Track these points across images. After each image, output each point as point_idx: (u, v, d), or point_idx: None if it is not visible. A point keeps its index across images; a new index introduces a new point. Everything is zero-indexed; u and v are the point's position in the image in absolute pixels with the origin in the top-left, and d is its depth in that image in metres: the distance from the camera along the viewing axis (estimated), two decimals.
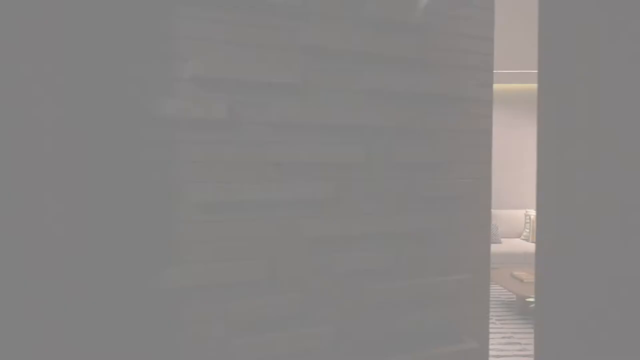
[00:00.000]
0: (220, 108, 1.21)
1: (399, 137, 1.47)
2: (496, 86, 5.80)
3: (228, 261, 1.31)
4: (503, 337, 3.18)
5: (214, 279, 1.25)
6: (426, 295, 1.43)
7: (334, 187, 1.36)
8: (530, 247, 4.83)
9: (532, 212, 5.26)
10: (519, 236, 5.39)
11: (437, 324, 1.45)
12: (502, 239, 5.21)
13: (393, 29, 1.43)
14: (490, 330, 3.34)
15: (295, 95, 1.35)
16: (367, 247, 1.45)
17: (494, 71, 4.96)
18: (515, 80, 5.53)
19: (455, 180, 1.47)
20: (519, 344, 3.08)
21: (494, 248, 4.76)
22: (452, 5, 1.43)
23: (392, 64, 1.44)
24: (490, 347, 3.12)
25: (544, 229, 1.07)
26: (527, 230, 5.19)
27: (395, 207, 1.46)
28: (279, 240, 1.38)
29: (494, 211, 5.55)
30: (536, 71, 5.01)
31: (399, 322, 1.42)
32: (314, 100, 1.38)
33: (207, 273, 1.24)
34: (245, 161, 1.31)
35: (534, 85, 5.79)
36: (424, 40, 1.46)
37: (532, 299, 3.45)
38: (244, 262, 1.30)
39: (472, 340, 1.47)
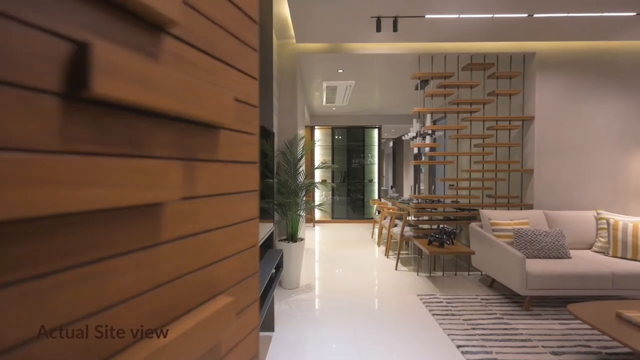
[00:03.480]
0: None
1: None
2: (551, 44, 4.35)
3: None
4: None
5: None
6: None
7: None
8: (616, 264, 3.25)
9: (608, 214, 3.83)
10: (589, 247, 3.91)
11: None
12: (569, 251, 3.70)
13: None
14: None
15: None
16: None
17: (536, 15, 3.50)
18: (577, 36, 4.08)
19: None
20: None
21: (561, 266, 3.24)
22: None
23: None
24: None
25: None
26: (603, 239, 3.73)
27: None
28: None
29: (550, 213, 4.10)
30: (610, 13, 3.57)
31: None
32: None
33: None
34: None
35: (609, 43, 4.33)
36: None
37: None
38: None
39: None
